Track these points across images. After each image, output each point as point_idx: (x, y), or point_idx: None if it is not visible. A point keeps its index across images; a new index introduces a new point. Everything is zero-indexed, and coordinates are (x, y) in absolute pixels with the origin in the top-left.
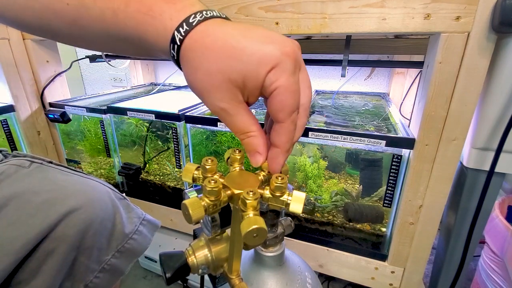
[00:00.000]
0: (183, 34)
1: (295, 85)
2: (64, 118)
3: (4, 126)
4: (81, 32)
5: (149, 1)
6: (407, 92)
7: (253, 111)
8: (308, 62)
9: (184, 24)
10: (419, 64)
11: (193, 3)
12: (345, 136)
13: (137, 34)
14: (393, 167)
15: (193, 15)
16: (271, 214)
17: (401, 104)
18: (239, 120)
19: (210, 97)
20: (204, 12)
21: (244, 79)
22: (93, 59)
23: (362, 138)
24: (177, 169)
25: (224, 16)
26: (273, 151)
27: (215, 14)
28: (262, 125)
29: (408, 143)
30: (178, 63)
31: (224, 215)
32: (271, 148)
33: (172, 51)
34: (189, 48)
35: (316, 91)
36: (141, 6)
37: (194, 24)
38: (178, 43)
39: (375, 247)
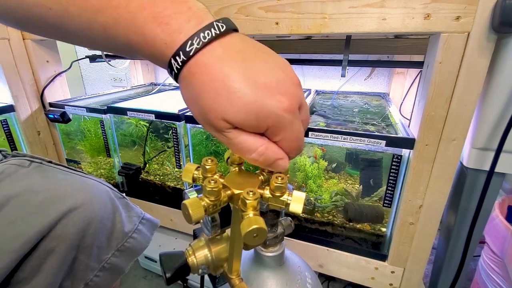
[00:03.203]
0: (180, 64)
1: (298, 131)
2: (64, 118)
3: (4, 126)
4: (69, 36)
5: (140, 20)
6: (407, 92)
7: None
8: (308, 62)
9: (181, 53)
10: (419, 64)
11: (188, 18)
12: (345, 136)
13: (130, 49)
14: (393, 167)
15: (189, 42)
16: (271, 214)
17: (401, 104)
18: (242, 142)
19: (207, 128)
20: (201, 35)
21: (239, 123)
22: (93, 59)
23: (362, 138)
24: (177, 169)
25: (224, 28)
26: None
27: (213, 32)
28: None
29: (408, 143)
30: (177, 80)
31: (224, 215)
32: None
33: (170, 74)
34: (187, 79)
35: (316, 91)
36: (131, 25)
37: (191, 54)
38: (176, 71)
39: (375, 247)
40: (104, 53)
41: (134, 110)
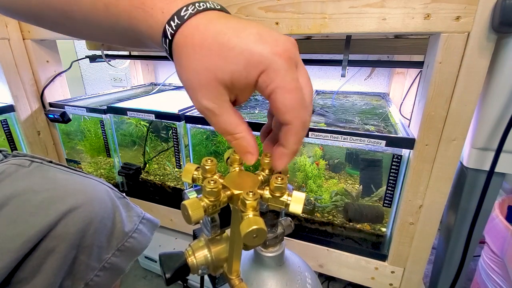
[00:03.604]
0: (174, 28)
1: (293, 82)
2: (64, 118)
3: (4, 126)
4: (74, 23)
5: None
6: (407, 92)
7: (255, 110)
8: (308, 62)
9: (175, 17)
10: (419, 64)
11: None
12: (345, 136)
13: (130, 27)
14: (393, 167)
15: (184, 8)
16: (271, 214)
17: (401, 104)
18: (224, 121)
19: (196, 94)
20: (197, 4)
21: (232, 79)
22: (93, 59)
23: (362, 138)
24: (177, 169)
25: (219, 7)
26: (279, 150)
27: (208, 5)
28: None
29: (408, 143)
30: (172, 56)
31: (224, 216)
32: (277, 146)
33: (164, 45)
34: (180, 44)
35: (316, 91)
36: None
37: (185, 18)
38: (170, 38)
39: (375, 247)
40: (105, 53)
41: (134, 110)
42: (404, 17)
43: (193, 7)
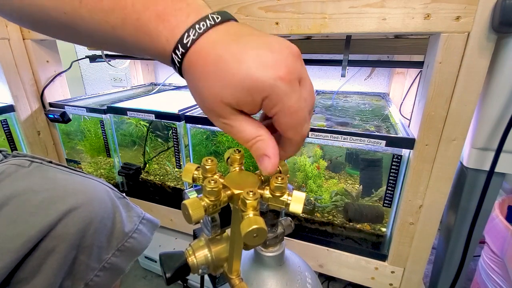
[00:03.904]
0: (180, 57)
1: (296, 104)
2: (64, 118)
3: (4, 126)
4: (80, 37)
5: (145, 19)
6: (407, 92)
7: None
8: (308, 62)
9: (179, 46)
10: (419, 64)
11: (188, 13)
12: (345, 136)
13: (138, 48)
14: (393, 167)
15: (186, 35)
16: (271, 214)
17: (401, 104)
18: (242, 130)
19: (210, 116)
20: (197, 26)
21: (237, 102)
22: (93, 59)
23: (362, 138)
24: (177, 169)
25: (219, 19)
26: (280, 153)
27: (208, 23)
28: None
29: (408, 143)
30: (182, 76)
31: (224, 215)
32: (280, 149)
33: (174, 69)
34: (187, 70)
35: (316, 91)
36: (138, 25)
37: (188, 45)
38: (178, 65)
39: (375, 247)
40: (105, 53)
41: (134, 110)
42: (404, 17)
43: (194, 31)
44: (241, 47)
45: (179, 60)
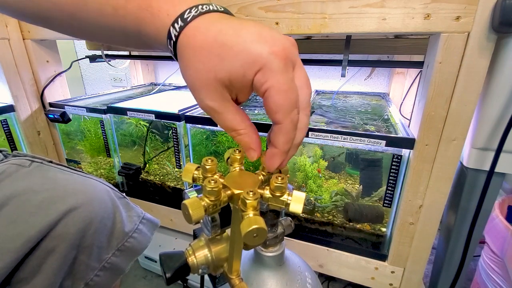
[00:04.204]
0: (177, 30)
1: (287, 83)
2: (64, 118)
3: (4, 126)
4: (81, 24)
5: None
6: (407, 92)
7: (256, 111)
8: (308, 62)
9: (179, 19)
10: (419, 64)
11: None
12: (345, 136)
13: (137, 29)
14: (393, 167)
15: (188, 10)
16: (271, 214)
17: (401, 104)
18: (227, 119)
19: (199, 94)
20: (200, 7)
21: (230, 78)
22: (93, 59)
23: (362, 138)
24: (177, 169)
25: (222, 9)
26: (270, 150)
27: (211, 8)
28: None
29: (408, 143)
30: (176, 57)
31: (224, 215)
32: (269, 146)
33: (169, 46)
34: (183, 45)
35: (316, 91)
36: (141, 2)
37: (188, 20)
38: (174, 39)
39: (375, 247)
40: (104, 53)
41: (134, 110)
42: (404, 17)
43: (196, 9)
44: (242, 24)
45: (176, 34)
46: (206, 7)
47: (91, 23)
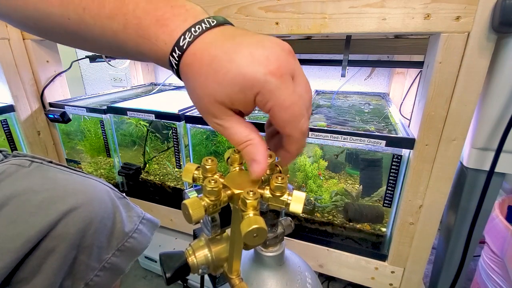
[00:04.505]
0: (176, 59)
1: (289, 99)
2: (64, 118)
3: (4, 126)
4: (84, 42)
5: (145, 23)
6: (407, 92)
7: (255, 110)
8: (308, 62)
9: (176, 49)
10: (419, 64)
11: (185, 18)
12: (345, 136)
13: (138, 52)
14: (393, 167)
15: (182, 37)
16: (271, 214)
17: (401, 104)
18: (234, 132)
19: (205, 116)
20: (193, 30)
21: (231, 101)
22: (93, 59)
23: (362, 138)
24: (177, 169)
25: (214, 22)
26: (283, 153)
27: (204, 26)
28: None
29: (408, 143)
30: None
31: (224, 215)
32: (282, 150)
33: (173, 71)
34: (184, 72)
35: (316, 91)
36: (138, 29)
37: (184, 47)
38: (175, 67)
39: (375, 247)
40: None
41: (134, 110)
42: (404, 17)
43: (190, 34)
44: (234, 45)
45: (176, 63)
46: (199, 28)
47: (94, 42)
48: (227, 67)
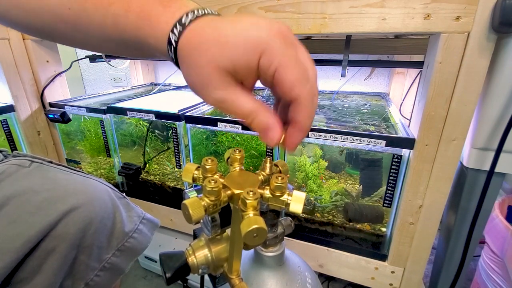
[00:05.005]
0: (177, 35)
1: (293, 58)
2: (64, 118)
3: (4, 126)
4: (83, 36)
5: (148, 7)
6: (407, 92)
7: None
8: None
9: (177, 24)
10: (419, 64)
11: (186, 4)
12: (345, 136)
13: (138, 39)
14: (393, 167)
15: (184, 15)
16: (271, 214)
17: (401, 104)
18: (240, 105)
19: (205, 89)
20: (195, 11)
21: (234, 65)
22: (93, 59)
23: (362, 138)
24: (177, 169)
25: (217, 14)
26: (290, 129)
27: (207, 11)
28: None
29: (408, 143)
30: (178, 64)
31: (224, 215)
32: (289, 126)
33: (170, 53)
34: (183, 48)
35: None
36: (140, 12)
37: (186, 24)
38: (174, 45)
39: (375, 247)
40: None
41: (134, 110)
42: (404, 17)
43: (193, 14)
44: (237, 18)
45: (176, 39)
46: (201, 11)
47: (94, 33)
48: (231, 33)
